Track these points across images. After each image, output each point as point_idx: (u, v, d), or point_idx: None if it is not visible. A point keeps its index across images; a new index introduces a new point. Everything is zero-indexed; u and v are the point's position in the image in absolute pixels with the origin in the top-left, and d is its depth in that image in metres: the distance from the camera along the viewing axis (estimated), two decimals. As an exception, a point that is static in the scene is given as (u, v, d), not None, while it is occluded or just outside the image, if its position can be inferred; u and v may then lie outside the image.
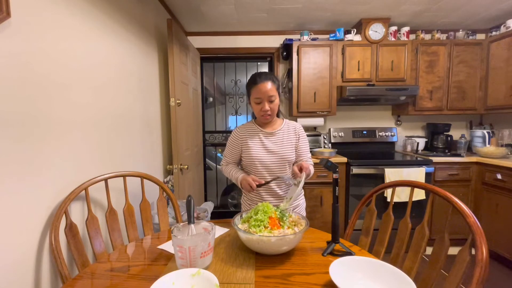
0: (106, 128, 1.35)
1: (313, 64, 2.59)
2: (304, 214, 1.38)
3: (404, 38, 2.64)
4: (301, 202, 1.36)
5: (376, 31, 2.56)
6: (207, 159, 3.34)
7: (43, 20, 0.96)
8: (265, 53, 2.99)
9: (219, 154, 3.65)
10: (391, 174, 2.30)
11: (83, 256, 1.04)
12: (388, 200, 2.25)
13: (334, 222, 0.92)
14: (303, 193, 1.39)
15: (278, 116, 1.34)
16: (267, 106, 1.19)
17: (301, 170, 1.11)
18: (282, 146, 1.25)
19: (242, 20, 2.60)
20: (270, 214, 0.93)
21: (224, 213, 3.42)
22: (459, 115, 2.91)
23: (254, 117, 1.36)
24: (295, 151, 1.29)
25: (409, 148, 2.84)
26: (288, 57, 2.82)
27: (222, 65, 3.24)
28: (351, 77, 2.59)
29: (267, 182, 1.19)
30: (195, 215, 1.26)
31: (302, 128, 1.33)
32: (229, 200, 3.53)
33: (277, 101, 1.22)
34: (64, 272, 0.92)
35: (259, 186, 1.16)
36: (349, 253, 0.89)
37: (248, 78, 1.28)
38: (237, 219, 0.98)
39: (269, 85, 1.17)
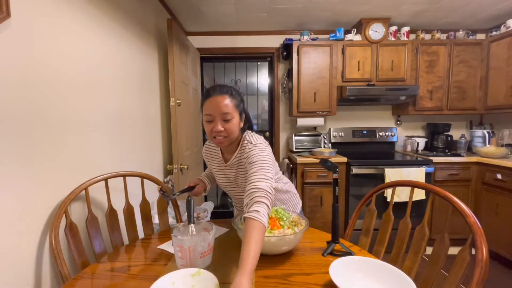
0: (106, 127, 1.35)
1: (313, 64, 2.59)
2: (299, 208, 1.25)
3: (404, 38, 2.64)
4: (292, 198, 1.23)
5: (376, 31, 2.56)
6: (207, 159, 3.33)
7: (43, 20, 0.96)
8: (265, 53, 2.99)
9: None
10: (391, 174, 2.30)
11: (83, 256, 1.04)
12: (388, 200, 2.25)
13: (334, 222, 0.92)
14: (289, 188, 1.23)
15: (244, 129, 1.05)
16: (219, 126, 0.91)
17: None
18: (239, 179, 1.05)
19: (242, 20, 2.60)
20: (270, 214, 0.93)
21: (224, 213, 3.42)
22: (459, 115, 2.91)
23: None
24: None
25: (409, 148, 2.84)
26: (288, 57, 2.82)
27: (222, 65, 3.24)
28: (351, 77, 2.59)
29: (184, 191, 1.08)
30: (195, 215, 1.26)
31: (252, 148, 0.95)
32: (229, 200, 3.52)
33: (235, 121, 0.93)
34: (64, 272, 0.92)
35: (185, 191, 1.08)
36: (349, 253, 0.89)
37: (248, 78, 1.18)
38: (237, 219, 0.98)
39: (225, 100, 0.91)
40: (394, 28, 2.61)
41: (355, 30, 2.64)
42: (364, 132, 2.90)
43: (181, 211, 1.52)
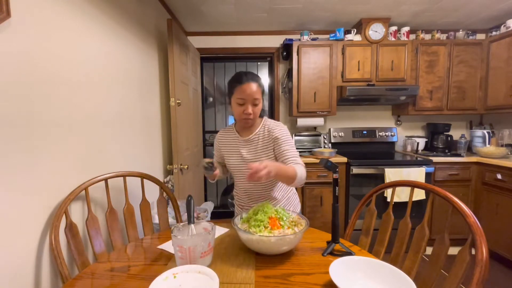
0: (106, 127, 1.35)
1: (313, 64, 2.59)
2: (299, 208, 1.31)
3: (404, 38, 2.64)
4: (293, 196, 1.30)
5: (376, 31, 2.56)
6: (207, 159, 3.33)
7: (43, 20, 0.96)
8: (265, 53, 2.99)
9: (219, 154, 3.64)
10: (391, 174, 2.30)
11: (83, 256, 1.04)
12: (388, 200, 2.25)
13: (334, 222, 0.92)
14: (293, 188, 1.31)
15: (260, 115, 1.20)
16: (250, 109, 1.08)
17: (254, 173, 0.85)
18: (256, 154, 1.15)
19: (242, 20, 2.60)
20: (270, 214, 0.93)
21: (224, 213, 3.42)
22: (459, 115, 2.91)
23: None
24: (275, 156, 1.15)
25: (409, 148, 2.84)
26: (288, 57, 2.82)
27: (222, 65, 3.24)
28: (351, 77, 2.59)
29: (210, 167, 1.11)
30: (195, 215, 1.26)
31: (279, 128, 1.15)
32: (229, 200, 3.52)
33: (260, 105, 1.12)
34: (64, 272, 0.92)
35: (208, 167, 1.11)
36: (349, 253, 0.89)
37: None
38: (237, 219, 0.98)
39: (254, 87, 1.07)
40: (394, 28, 2.61)
41: (355, 30, 2.64)
42: (364, 132, 2.90)
43: (181, 211, 1.52)
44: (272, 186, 1.21)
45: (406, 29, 2.63)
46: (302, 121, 2.74)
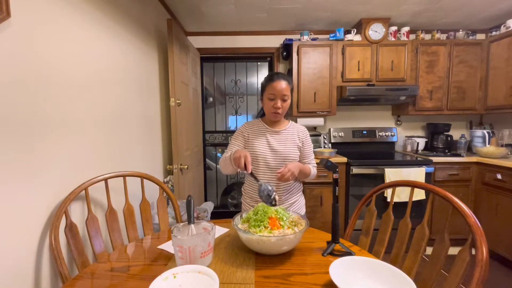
0: (106, 128, 1.35)
1: (313, 64, 2.59)
2: (303, 211, 1.38)
3: (404, 38, 2.64)
4: (300, 199, 1.37)
5: (376, 31, 2.56)
6: (207, 159, 3.34)
7: (43, 20, 0.96)
8: (265, 53, 2.99)
9: (219, 154, 3.64)
10: (391, 174, 2.30)
11: (83, 256, 1.04)
12: (388, 200, 2.25)
13: (334, 222, 0.92)
14: (301, 188, 1.40)
15: (285, 117, 1.36)
16: (279, 104, 1.22)
17: (281, 177, 1.10)
18: (285, 145, 1.27)
19: (242, 20, 2.60)
20: (270, 214, 0.93)
21: (224, 213, 3.42)
22: (459, 115, 2.91)
23: (259, 116, 1.40)
24: (300, 153, 1.31)
25: (409, 148, 2.84)
26: (288, 57, 2.82)
27: (222, 65, 3.24)
28: (351, 77, 2.59)
29: (254, 177, 1.13)
30: (195, 215, 1.26)
31: (307, 131, 1.36)
32: (229, 200, 3.53)
33: (289, 101, 1.25)
34: (64, 272, 0.92)
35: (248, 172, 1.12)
36: (349, 253, 0.89)
37: (248, 78, 1.27)
38: (237, 219, 0.98)
39: (284, 84, 1.21)
40: (394, 28, 2.61)
41: (355, 30, 2.64)
42: (364, 132, 2.90)
43: (181, 211, 1.52)
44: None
45: (406, 29, 2.63)
46: (302, 121, 2.74)
